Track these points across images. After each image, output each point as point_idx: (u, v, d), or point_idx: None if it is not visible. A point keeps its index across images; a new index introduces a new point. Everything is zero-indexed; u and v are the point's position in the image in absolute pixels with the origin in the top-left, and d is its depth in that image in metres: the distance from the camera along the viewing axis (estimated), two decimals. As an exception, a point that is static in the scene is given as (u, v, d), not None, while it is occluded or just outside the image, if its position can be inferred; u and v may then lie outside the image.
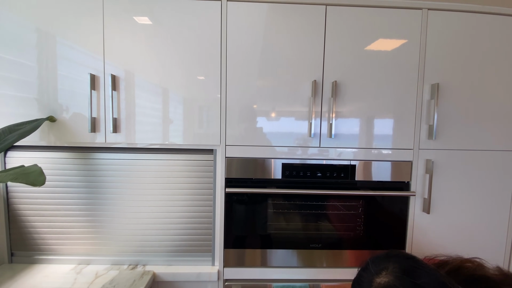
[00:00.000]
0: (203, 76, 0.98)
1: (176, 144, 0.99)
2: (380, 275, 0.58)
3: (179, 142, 0.99)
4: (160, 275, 1.00)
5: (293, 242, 1.03)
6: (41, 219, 1.04)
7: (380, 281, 0.57)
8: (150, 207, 1.04)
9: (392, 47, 1.00)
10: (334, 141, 1.01)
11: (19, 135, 0.85)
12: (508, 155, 1.04)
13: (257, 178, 1.01)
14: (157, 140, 0.99)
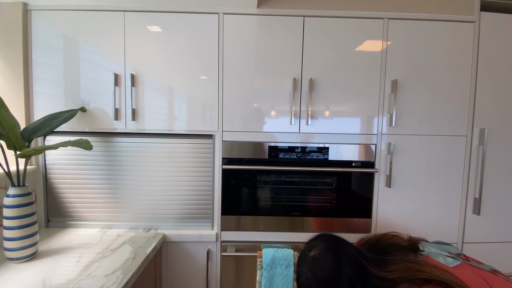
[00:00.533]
0: (205, 75, 1.21)
1: (182, 130, 1.23)
2: (310, 251, 0.80)
3: (184, 128, 1.22)
4: (169, 236, 1.23)
5: (278, 210, 1.26)
6: (72, 191, 1.27)
7: (310, 255, 0.80)
8: (160, 182, 1.28)
9: (359, 50, 1.21)
10: (310, 127, 1.23)
11: (60, 121, 1.09)
12: (453, 139, 1.25)
13: (248, 157, 1.24)
14: (167, 127, 1.22)
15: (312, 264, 0.76)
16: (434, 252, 0.83)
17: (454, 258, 0.80)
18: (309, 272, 0.75)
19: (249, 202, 1.25)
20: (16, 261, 0.95)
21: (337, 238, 0.84)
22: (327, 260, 0.75)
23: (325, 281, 0.74)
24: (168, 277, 1.24)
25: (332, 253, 0.76)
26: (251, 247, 1.26)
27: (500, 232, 1.29)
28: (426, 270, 0.73)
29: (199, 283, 1.25)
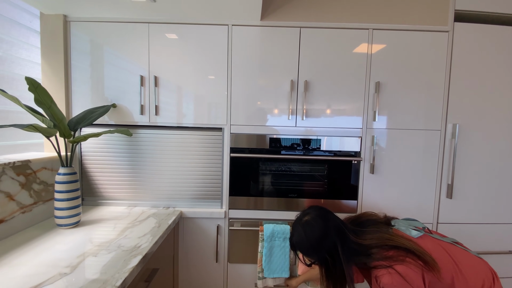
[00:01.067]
0: (215, 77, 1.43)
1: (196, 124, 1.45)
2: (304, 217, 1.02)
3: (198, 122, 1.44)
4: (185, 213, 1.45)
5: (277, 192, 1.47)
6: (102, 175, 1.50)
7: (304, 219, 1.01)
8: (177, 167, 1.50)
9: (347, 56, 1.42)
10: (305, 122, 1.44)
11: (98, 114, 1.31)
12: (429, 132, 1.45)
13: (252, 147, 1.45)
14: (182, 120, 1.44)
15: (305, 226, 0.97)
16: (403, 226, 1.04)
17: (419, 231, 1.01)
18: (302, 232, 0.97)
19: (253, 185, 1.47)
20: (64, 227, 1.18)
21: (327, 210, 1.06)
22: (317, 224, 0.96)
23: (314, 240, 0.95)
24: (183, 247, 1.47)
25: (322, 219, 0.98)
26: (254, 223, 1.47)
27: (469, 214, 1.49)
28: (394, 239, 0.93)
29: (210, 252, 1.47)
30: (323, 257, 0.94)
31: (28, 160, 1.18)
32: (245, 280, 1.51)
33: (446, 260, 0.91)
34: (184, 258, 1.48)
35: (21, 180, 1.15)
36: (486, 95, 1.45)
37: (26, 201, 1.18)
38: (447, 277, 0.89)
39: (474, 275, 0.90)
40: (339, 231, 0.97)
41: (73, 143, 1.19)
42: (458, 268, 0.90)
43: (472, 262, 0.93)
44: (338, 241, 0.95)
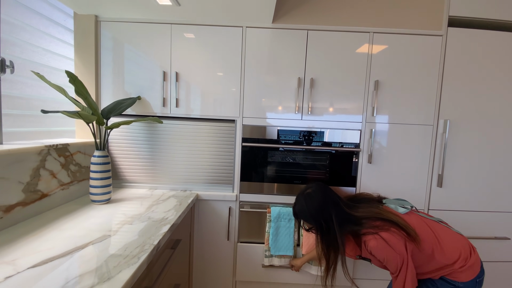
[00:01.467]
0: (229, 73, 1.58)
1: (214, 115, 1.61)
2: (307, 189, 1.18)
3: (215, 114, 1.60)
4: (200, 195, 1.62)
5: (283, 179, 1.63)
6: (126, 160, 1.67)
7: (306, 191, 1.17)
8: (194, 154, 1.66)
9: (350, 56, 1.57)
10: (311, 116, 1.60)
11: (126, 105, 1.48)
12: (423, 127, 1.60)
13: (261, 138, 1.61)
14: (200, 112, 1.60)
15: (306, 197, 1.14)
16: (392, 204, 1.19)
17: (406, 208, 1.16)
18: (303, 202, 1.13)
19: (262, 172, 1.63)
20: (98, 203, 1.35)
21: (326, 186, 1.21)
22: (316, 196, 1.12)
23: (313, 210, 1.11)
24: (198, 226, 1.64)
25: (321, 192, 1.14)
26: (262, 206, 1.64)
27: (457, 201, 1.65)
28: (383, 213, 1.09)
29: (222, 231, 1.64)
30: (320, 224, 1.11)
31: (67, 144, 1.35)
32: (252, 257, 1.68)
33: (427, 234, 1.06)
34: (199, 235, 1.65)
35: (61, 161, 1.32)
36: (475, 94, 1.59)
37: (65, 179, 1.35)
38: (427, 248, 1.04)
39: (452, 247, 1.05)
40: (335, 204, 1.13)
41: (108, 129, 1.36)
42: (438, 241, 1.06)
43: (451, 237, 1.09)
44: (333, 211, 1.10)
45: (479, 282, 1.02)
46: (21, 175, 1.09)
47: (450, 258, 1.04)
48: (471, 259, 1.04)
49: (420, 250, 1.03)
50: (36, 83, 1.37)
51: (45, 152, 1.20)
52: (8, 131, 1.22)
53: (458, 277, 1.02)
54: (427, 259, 1.05)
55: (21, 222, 1.08)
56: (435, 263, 1.05)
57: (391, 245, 0.99)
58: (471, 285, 1.02)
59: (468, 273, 1.02)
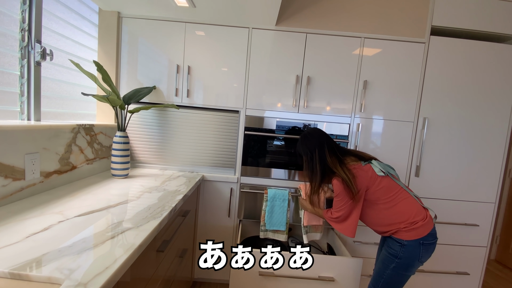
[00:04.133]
0: (235, 68, 1.78)
1: (220, 105, 1.81)
2: (306, 129, 1.41)
3: (221, 105, 1.81)
4: (206, 177, 1.82)
5: (280, 164, 1.84)
6: (139, 142, 1.87)
7: (305, 132, 1.41)
8: (201, 140, 1.87)
9: (343, 58, 1.77)
10: (306, 109, 1.80)
11: (144, 93, 1.67)
12: (404, 123, 1.82)
13: (262, 127, 1.82)
14: (209, 102, 1.80)
15: (302, 136, 1.41)
16: (377, 166, 1.34)
17: (384, 173, 1.32)
18: (300, 140, 1.41)
19: (261, 158, 1.84)
20: (118, 177, 1.55)
21: (321, 130, 1.45)
22: (309, 136, 1.39)
23: (304, 145, 1.38)
24: (203, 203, 1.85)
25: (313, 134, 1.39)
26: (260, 187, 1.85)
27: (432, 190, 1.87)
28: (339, 169, 1.29)
29: (223, 209, 1.85)
30: (307, 155, 1.38)
31: (93, 125, 1.54)
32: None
33: (388, 194, 1.27)
34: (203, 210, 1.86)
35: (88, 139, 1.51)
36: (451, 96, 1.81)
37: (90, 155, 1.54)
38: (382, 205, 1.28)
39: (403, 210, 1.25)
40: (321, 144, 1.35)
41: (130, 113, 1.56)
42: (394, 203, 1.27)
43: (408, 203, 1.27)
44: (317, 148, 1.35)
45: (423, 244, 1.22)
46: (58, 147, 1.28)
47: (398, 218, 1.25)
48: (418, 224, 1.22)
49: (373, 204, 1.30)
50: (64, 70, 1.56)
51: (76, 130, 1.40)
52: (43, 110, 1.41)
53: (403, 235, 1.24)
54: (379, 213, 1.29)
55: (57, 188, 1.28)
56: (385, 219, 1.28)
57: (340, 190, 1.29)
58: (414, 244, 1.22)
59: (411, 234, 1.22)
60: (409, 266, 1.25)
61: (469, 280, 1.95)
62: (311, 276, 1.47)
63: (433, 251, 1.27)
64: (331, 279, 1.47)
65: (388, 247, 1.30)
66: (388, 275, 1.28)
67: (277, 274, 1.46)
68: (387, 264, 1.29)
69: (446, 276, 1.93)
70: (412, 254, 1.23)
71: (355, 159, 1.36)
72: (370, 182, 1.29)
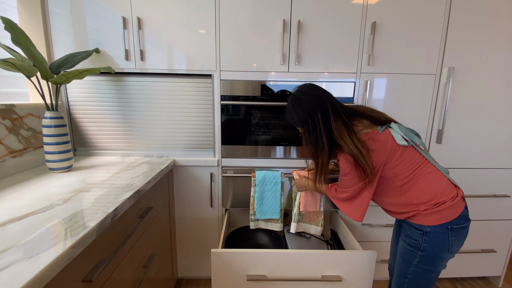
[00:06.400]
0: (202, 17, 1.34)
1: (186, 69, 1.39)
2: (295, 89, 1.06)
3: (188, 68, 1.39)
4: (178, 161, 1.47)
5: (269, 141, 1.48)
6: (93, 125, 1.48)
7: (293, 94, 1.05)
8: (168, 117, 1.48)
9: (343, -7, 1.33)
10: (298, 67, 1.39)
11: (80, 58, 1.26)
12: (424, 77, 1.42)
13: (243, 95, 1.42)
14: (174, 66, 1.38)
15: (295, 100, 1.03)
16: (397, 131, 0.97)
17: (407, 141, 0.96)
18: (290, 105, 1.04)
19: (245, 134, 1.47)
20: (56, 171, 1.19)
21: (316, 85, 1.07)
22: (307, 96, 1.01)
23: (300, 111, 1.00)
24: (179, 193, 1.51)
25: (313, 89, 1.03)
26: (247, 170, 1.50)
27: (457, 158, 1.52)
28: (348, 142, 0.93)
29: (204, 198, 1.52)
30: (307, 124, 1.00)
31: (13, 105, 1.15)
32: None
33: (409, 170, 0.95)
34: (180, 202, 1.53)
35: (7, 124, 1.13)
36: (482, 39, 1.39)
37: (15, 146, 1.17)
38: (399, 180, 0.96)
39: (430, 187, 0.93)
40: (323, 105, 0.98)
41: (56, 84, 1.15)
42: (416, 180, 0.94)
43: (435, 178, 0.94)
44: (319, 112, 0.98)
45: (452, 230, 0.91)
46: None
47: (419, 197, 0.94)
48: (446, 205, 0.91)
49: (388, 181, 0.98)
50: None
51: (-20, 112, 1.01)
52: None
53: (423, 220, 0.93)
54: (394, 192, 0.99)
55: (-43, 194, 0.93)
56: (401, 198, 0.98)
57: (349, 169, 0.98)
58: (440, 230, 0.91)
59: (435, 217, 0.91)
60: (437, 259, 0.94)
61: (495, 258, 1.68)
62: (313, 276, 1.17)
63: (465, 237, 0.95)
64: (338, 278, 1.17)
65: (406, 237, 0.99)
66: (412, 273, 0.98)
67: (270, 277, 1.16)
68: (409, 260, 0.98)
69: (470, 255, 1.66)
70: (438, 243, 0.93)
71: (368, 124, 0.99)
72: (389, 155, 0.94)
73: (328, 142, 0.98)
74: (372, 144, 0.93)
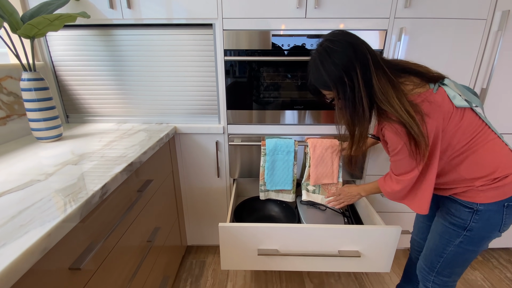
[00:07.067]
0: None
1: (181, 18, 1.17)
2: (325, 36, 0.81)
3: (183, 16, 1.16)
4: (180, 129, 1.32)
5: (281, 104, 1.29)
6: (84, 88, 1.32)
7: (323, 44, 0.80)
8: (166, 77, 1.30)
9: None
10: (318, 12, 1.15)
11: (56, 6, 1.05)
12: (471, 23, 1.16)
13: (251, 49, 1.21)
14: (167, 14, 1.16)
15: (328, 51, 0.77)
16: (453, 90, 0.79)
17: (468, 102, 0.77)
18: (323, 55, 0.78)
19: (254, 96, 1.28)
20: (44, 140, 1.07)
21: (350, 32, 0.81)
22: (343, 46, 0.76)
23: (339, 70, 0.76)
24: (183, 163, 1.40)
25: (350, 37, 0.78)
26: (256, 138, 1.35)
27: (502, 123, 1.32)
28: (396, 106, 0.73)
29: (211, 168, 1.41)
30: (343, 85, 0.77)
31: (-17, 64, 0.99)
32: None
33: (467, 139, 0.77)
34: (185, 172, 1.42)
35: (-19, 88, 0.99)
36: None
37: (-5, 113, 1.04)
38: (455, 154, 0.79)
39: (490, 159, 0.77)
40: (364, 58, 0.75)
41: (29, 39, 0.97)
42: (474, 151, 0.78)
43: (497, 148, 0.78)
44: (359, 67, 0.75)
45: (508, 207, 0.77)
46: None
47: (476, 171, 0.78)
48: (508, 179, 0.76)
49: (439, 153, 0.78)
50: None
51: None
52: None
53: (477, 197, 0.78)
54: (445, 166, 0.81)
55: None
56: (452, 173, 0.81)
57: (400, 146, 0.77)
58: (495, 208, 0.77)
59: (491, 194, 0.77)
60: (483, 239, 0.83)
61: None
62: (329, 252, 1.08)
63: None
64: (356, 254, 1.08)
65: (448, 214, 0.85)
66: (450, 253, 0.87)
67: (283, 252, 1.08)
68: (449, 239, 0.86)
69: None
70: (489, 223, 0.79)
71: (418, 81, 0.80)
72: (445, 122, 0.76)
73: (369, 107, 0.78)
74: (427, 107, 0.74)
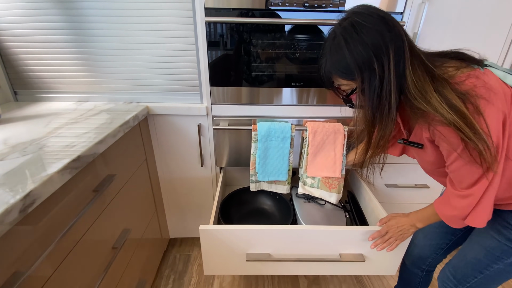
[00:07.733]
0: None
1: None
2: (350, 15, 0.62)
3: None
4: (153, 109, 1.10)
5: (276, 80, 1.07)
6: (35, 58, 1.06)
7: (350, 12, 0.63)
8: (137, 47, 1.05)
9: None
10: (324, -40, 0.89)
11: None
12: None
13: (237, 8, 0.95)
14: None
15: (356, 26, 0.59)
16: (503, 71, 0.61)
17: None
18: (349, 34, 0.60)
19: (243, 70, 1.05)
20: (-25, 125, 0.84)
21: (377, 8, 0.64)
22: (373, 23, 0.58)
23: (368, 54, 0.58)
24: (159, 150, 1.19)
25: (380, 14, 0.60)
26: (246, 121, 1.14)
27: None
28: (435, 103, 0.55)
29: (193, 156, 1.21)
30: (366, 65, 0.59)
31: None
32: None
33: None
34: (163, 162, 1.22)
35: None
36: None
37: None
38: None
39: None
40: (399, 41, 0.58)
41: None
42: None
43: None
44: (393, 48, 0.57)
45: None
46: None
47: None
48: None
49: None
50: None
51: None
52: None
53: None
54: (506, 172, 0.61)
55: None
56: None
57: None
58: None
59: None
60: None
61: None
62: (329, 256, 0.93)
63: None
64: (360, 258, 0.93)
65: (507, 229, 0.68)
66: (495, 271, 0.72)
67: (276, 257, 0.93)
68: (500, 257, 0.70)
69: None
70: None
71: (458, 64, 0.60)
72: (507, 105, 0.57)
73: (397, 104, 0.61)
74: (481, 89, 0.54)
